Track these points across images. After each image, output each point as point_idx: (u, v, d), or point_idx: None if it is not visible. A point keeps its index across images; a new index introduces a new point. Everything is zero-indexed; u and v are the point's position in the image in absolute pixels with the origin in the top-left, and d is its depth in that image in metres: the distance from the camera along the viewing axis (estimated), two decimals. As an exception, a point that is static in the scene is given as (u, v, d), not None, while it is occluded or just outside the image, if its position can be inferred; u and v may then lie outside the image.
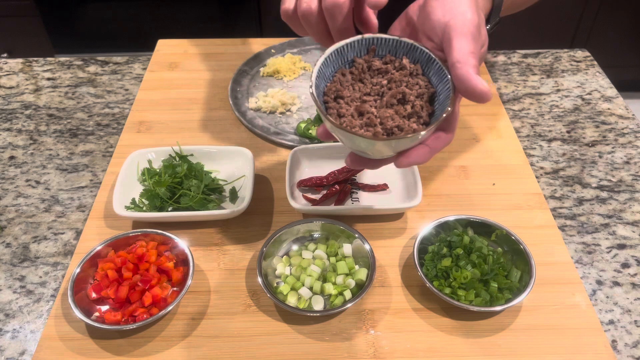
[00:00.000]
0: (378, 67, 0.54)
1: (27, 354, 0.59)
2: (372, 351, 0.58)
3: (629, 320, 0.61)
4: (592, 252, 0.69)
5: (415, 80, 0.53)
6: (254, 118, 0.87)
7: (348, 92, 0.53)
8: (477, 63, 0.48)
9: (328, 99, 0.52)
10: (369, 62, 0.54)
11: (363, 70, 0.54)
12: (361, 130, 0.50)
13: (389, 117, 0.50)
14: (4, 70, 1.02)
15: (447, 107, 0.48)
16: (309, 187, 0.74)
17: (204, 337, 0.59)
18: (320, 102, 0.51)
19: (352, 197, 0.74)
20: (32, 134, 0.87)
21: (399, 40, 0.54)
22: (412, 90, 0.52)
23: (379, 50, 0.55)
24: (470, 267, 0.62)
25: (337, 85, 0.53)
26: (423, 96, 0.52)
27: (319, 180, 0.74)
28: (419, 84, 0.52)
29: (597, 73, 1.00)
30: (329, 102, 0.52)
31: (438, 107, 0.51)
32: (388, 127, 0.50)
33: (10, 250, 0.69)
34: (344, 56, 0.54)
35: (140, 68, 1.02)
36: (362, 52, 0.55)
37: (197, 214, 0.68)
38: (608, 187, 0.77)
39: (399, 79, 0.53)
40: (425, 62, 0.53)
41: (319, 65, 0.52)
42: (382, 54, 0.55)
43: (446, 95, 0.50)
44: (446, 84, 0.50)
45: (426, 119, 0.51)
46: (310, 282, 0.62)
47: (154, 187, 0.70)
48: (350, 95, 0.53)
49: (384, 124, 0.50)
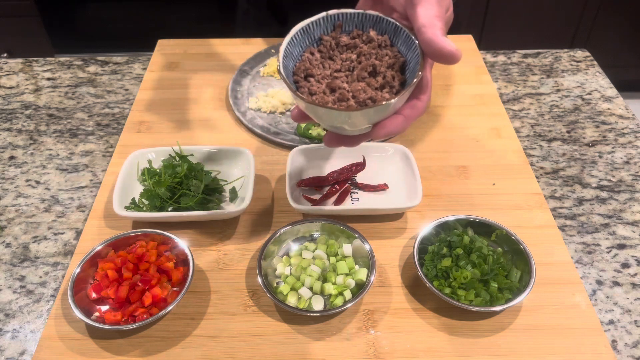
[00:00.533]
0: (346, 43, 0.54)
1: (27, 354, 0.59)
2: (372, 351, 0.58)
3: (629, 320, 0.61)
4: (592, 252, 0.69)
5: (385, 52, 0.53)
6: (254, 118, 0.87)
7: (318, 70, 0.53)
8: (443, 26, 0.48)
9: (298, 78, 0.52)
10: (336, 38, 0.54)
11: (331, 47, 0.54)
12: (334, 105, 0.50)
13: (361, 89, 0.50)
14: (4, 70, 1.02)
15: (417, 73, 0.48)
16: (309, 187, 0.74)
17: (204, 337, 0.59)
18: (290, 81, 0.50)
19: (352, 197, 0.74)
20: (32, 134, 0.87)
21: (364, 14, 0.54)
22: (382, 62, 0.52)
23: (345, 25, 0.55)
24: (470, 267, 0.62)
25: (307, 64, 0.53)
26: (393, 66, 0.52)
27: (319, 180, 0.74)
28: (389, 55, 0.53)
29: (597, 73, 1.00)
30: (300, 82, 0.52)
31: (409, 75, 0.51)
32: (361, 99, 0.50)
33: (10, 250, 0.69)
34: (311, 34, 0.54)
35: (140, 68, 1.02)
36: (329, 29, 0.55)
37: (197, 214, 0.68)
38: (608, 187, 0.77)
39: (367, 52, 0.53)
40: (393, 33, 0.53)
41: (285, 45, 0.52)
42: (349, 29, 0.55)
43: (416, 62, 0.50)
44: (415, 51, 0.50)
45: (398, 88, 0.51)
46: (310, 282, 0.62)
47: (154, 187, 0.70)
48: (321, 73, 0.53)
49: (356, 97, 0.50)
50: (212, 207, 0.71)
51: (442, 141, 0.83)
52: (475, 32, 2.10)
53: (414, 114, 0.50)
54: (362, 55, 0.53)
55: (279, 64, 0.50)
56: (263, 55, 1.01)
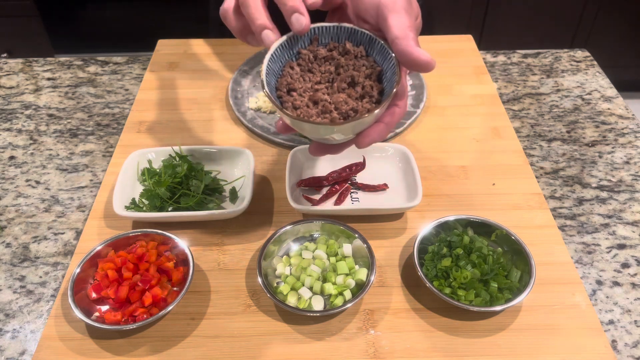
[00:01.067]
0: (324, 55, 0.56)
1: (27, 354, 0.59)
2: (372, 351, 0.58)
3: (629, 320, 0.61)
4: (592, 252, 0.69)
5: (361, 62, 0.55)
6: (254, 118, 0.87)
7: (299, 83, 0.55)
8: (415, 35, 0.50)
9: (281, 93, 0.54)
10: (314, 51, 0.56)
11: (310, 60, 0.56)
12: (318, 118, 0.52)
13: (343, 101, 0.53)
14: (4, 70, 1.02)
15: (394, 82, 0.50)
16: (309, 187, 0.74)
17: (204, 337, 0.59)
18: (274, 97, 0.52)
19: (352, 197, 0.74)
20: (32, 134, 0.87)
21: (339, 26, 0.56)
22: (359, 72, 0.54)
23: (321, 38, 0.56)
24: (470, 267, 0.62)
25: (288, 78, 0.55)
26: (371, 76, 0.54)
27: (319, 180, 0.74)
28: (365, 65, 0.55)
29: (597, 73, 1.00)
30: (283, 97, 0.54)
31: (387, 83, 0.53)
32: (343, 111, 0.52)
33: (10, 250, 0.69)
34: (290, 49, 0.55)
35: (140, 68, 1.02)
36: (306, 43, 0.56)
37: (197, 214, 0.68)
38: (608, 187, 0.77)
39: (345, 63, 0.55)
40: (368, 43, 0.55)
41: (266, 63, 0.53)
42: (325, 42, 0.57)
43: (392, 71, 0.52)
44: (390, 60, 0.53)
45: (377, 97, 0.53)
46: (310, 282, 0.62)
47: (154, 187, 0.70)
48: (302, 87, 0.55)
49: (339, 109, 0.52)
50: (212, 207, 0.71)
51: (442, 141, 0.83)
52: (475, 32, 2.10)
53: (393, 120, 0.53)
54: (341, 67, 0.55)
55: (263, 81, 0.52)
56: (263, 55, 1.00)
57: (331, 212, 0.70)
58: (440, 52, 1.02)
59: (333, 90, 0.54)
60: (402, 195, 0.73)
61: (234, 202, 0.72)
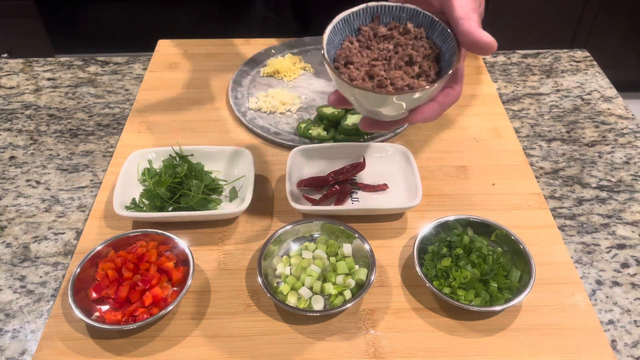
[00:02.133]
0: (384, 34, 0.57)
1: (28, 354, 0.59)
2: (372, 351, 0.58)
3: (628, 320, 0.61)
4: (591, 252, 0.69)
5: (421, 43, 0.56)
6: (254, 118, 0.87)
7: (357, 58, 0.56)
8: (478, 18, 0.51)
9: (338, 64, 0.55)
10: (374, 29, 0.57)
11: (369, 38, 0.57)
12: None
13: (399, 77, 0.53)
14: (4, 70, 1.02)
15: (452, 64, 0.51)
16: (309, 188, 0.74)
17: (204, 337, 0.59)
18: (332, 66, 0.54)
19: (352, 197, 0.74)
20: (33, 134, 0.87)
21: (402, 7, 0.56)
22: (418, 52, 0.55)
23: (383, 17, 0.57)
24: (470, 267, 0.62)
25: (346, 52, 0.56)
26: (429, 56, 0.55)
27: (319, 180, 0.74)
28: (424, 46, 0.55)
29: (597, 73, 1.00)
30: (340, 68, 0.55)
31: (444, 64, 0.54)
32: (399, 86, 0.52)
33: (10, 250, 0.69)
34: (351, 24, 0.57)
35: (141, 68, 1.02)
36: (367, 20, 0.58)
37: (197, 214, 0.68)
38: (608, 187, 0.77)
39: (404, 42, 0.56)
40: (429, 25, 0.56)
41: (328, 33, 0.55)
42: (386, 21, 0.58)
43: (451, 53, 0.53)
44: (450, 43, 0.53)
45: (434, 77, 0.53)
46: (310, 282, 0.62)
47: (154, 187, 0.70)
48: (360, 61, 0.55)
49: (394, 84, 0.53)
50: (212, 207, 0.71)
51: (442, 141, 0.83)
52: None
53: (447, 101, 0.53)
54: (399, 45, 0.56)
55: (323, 49, 0.54)
56: (263, 55, 1.01)
57: (331, 212, 0.70)
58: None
59: (390, 67, 0.55)
60: (402, 195, 0.73)
61: (234, 202, 0.72)
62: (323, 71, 0.97)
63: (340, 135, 0.82)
